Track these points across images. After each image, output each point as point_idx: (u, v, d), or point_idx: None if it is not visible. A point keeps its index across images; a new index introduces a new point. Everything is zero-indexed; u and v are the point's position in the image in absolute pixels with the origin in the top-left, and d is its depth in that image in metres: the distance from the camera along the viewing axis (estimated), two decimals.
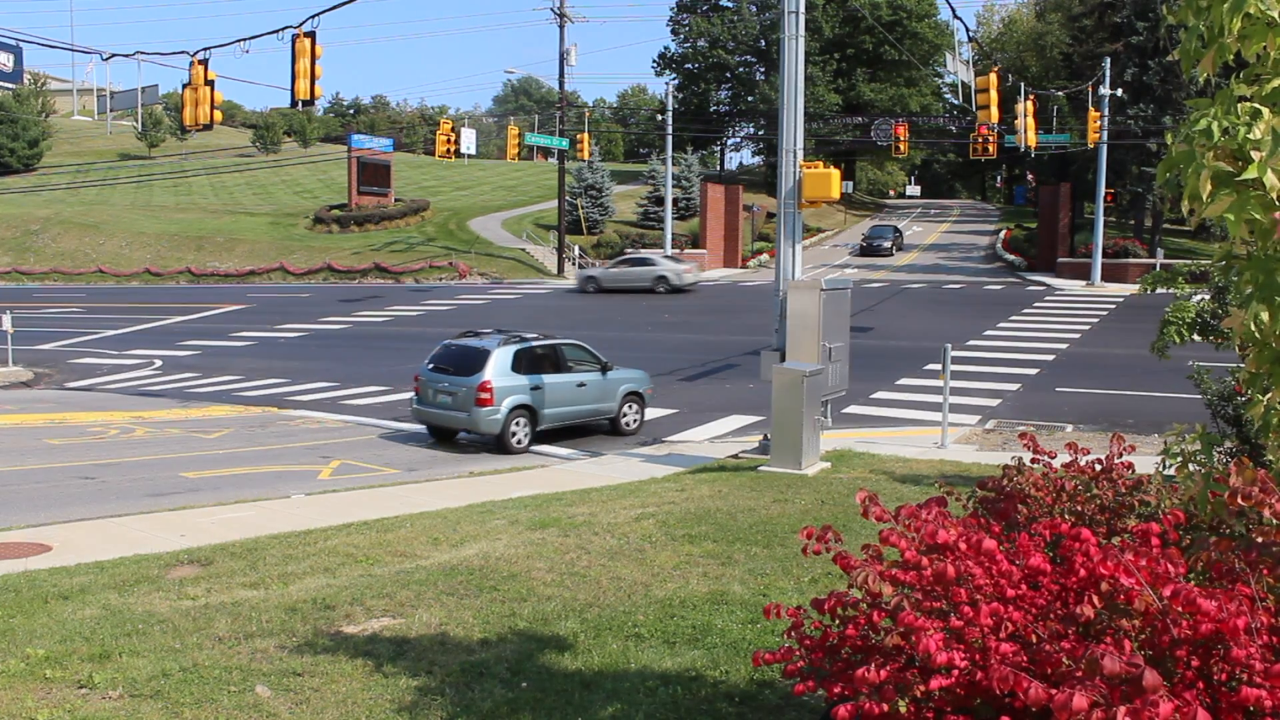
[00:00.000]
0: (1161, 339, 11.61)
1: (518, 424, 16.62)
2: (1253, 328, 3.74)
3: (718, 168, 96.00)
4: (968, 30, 32.05)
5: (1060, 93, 49.87)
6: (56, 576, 8.48)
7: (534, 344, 17.49)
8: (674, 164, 61.02)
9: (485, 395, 16.22)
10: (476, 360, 16.75)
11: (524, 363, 16.99)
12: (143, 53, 24.17)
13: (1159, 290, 13.07)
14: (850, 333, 15.68)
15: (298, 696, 5.93)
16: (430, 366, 17.38)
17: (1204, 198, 3.56)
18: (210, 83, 21.92)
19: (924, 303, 39.27)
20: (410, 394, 17.98)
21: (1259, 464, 4.72)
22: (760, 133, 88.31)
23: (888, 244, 60.16)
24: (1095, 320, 32.90)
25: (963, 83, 30.31)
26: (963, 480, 11.37)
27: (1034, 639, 3.48)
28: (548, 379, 17.09)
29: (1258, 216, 3.53)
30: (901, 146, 47.89)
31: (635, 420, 18.37)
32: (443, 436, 17.48)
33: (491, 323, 36.52)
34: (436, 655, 6.56)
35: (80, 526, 10.73)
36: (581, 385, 17.60)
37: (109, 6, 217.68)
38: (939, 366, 17.10)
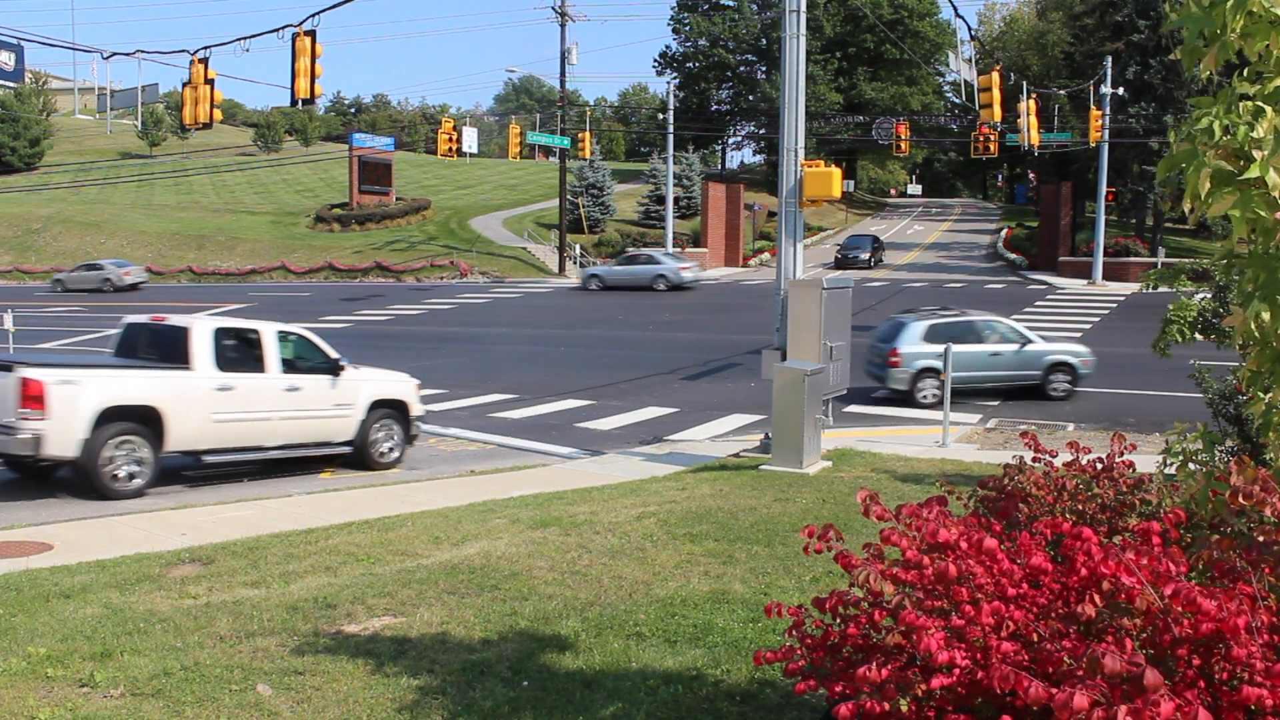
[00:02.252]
0: (1163, 338, 11.61)
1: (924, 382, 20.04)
2: (1253, 327, 3.74)
3: (719, 167, 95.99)
4: (969, 29, 32.03)
5: (1062, 91, 49.89)
6: (58, 575, 8.48)
7: (946, 320, 20.88)
8: (675, 163, 61.06)
9: (895, 359, 20.13)
10: (893, 331, 20.78)
11: (936, 335, 19.98)
12: (143, 51, 24.20)
13: (1160, 289, 13.07)
14: (852, 331, 15.68)
15: (299, 695, 5.93)
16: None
17: (1204, 196, 3.56)
18: (210, 81, 21.93)
19: (925, 301, 39.23)
20: None
21: (1260, 463, 4.71)
22: (761, 131, 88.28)
23: (865, 255, 54.86)
24: (1096, 319, 32.90)
25: (964, 81, 30.29)
26: (964, 479, 11.37)
27: (1035, 638, 3.48)
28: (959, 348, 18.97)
29: (1261, 214, 3.53)
30: (903, 145, 47.99)
31: (1069, 388, 20.65)
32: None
33: (492, 322, 36.55)
34: (438, 654, 6.56)
35: (81, 525, 10.74)
36: (995, 355, 20.50)
37: (110, 5, 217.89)
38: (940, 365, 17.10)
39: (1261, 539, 3.71)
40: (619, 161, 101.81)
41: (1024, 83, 36.10)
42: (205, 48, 21.73)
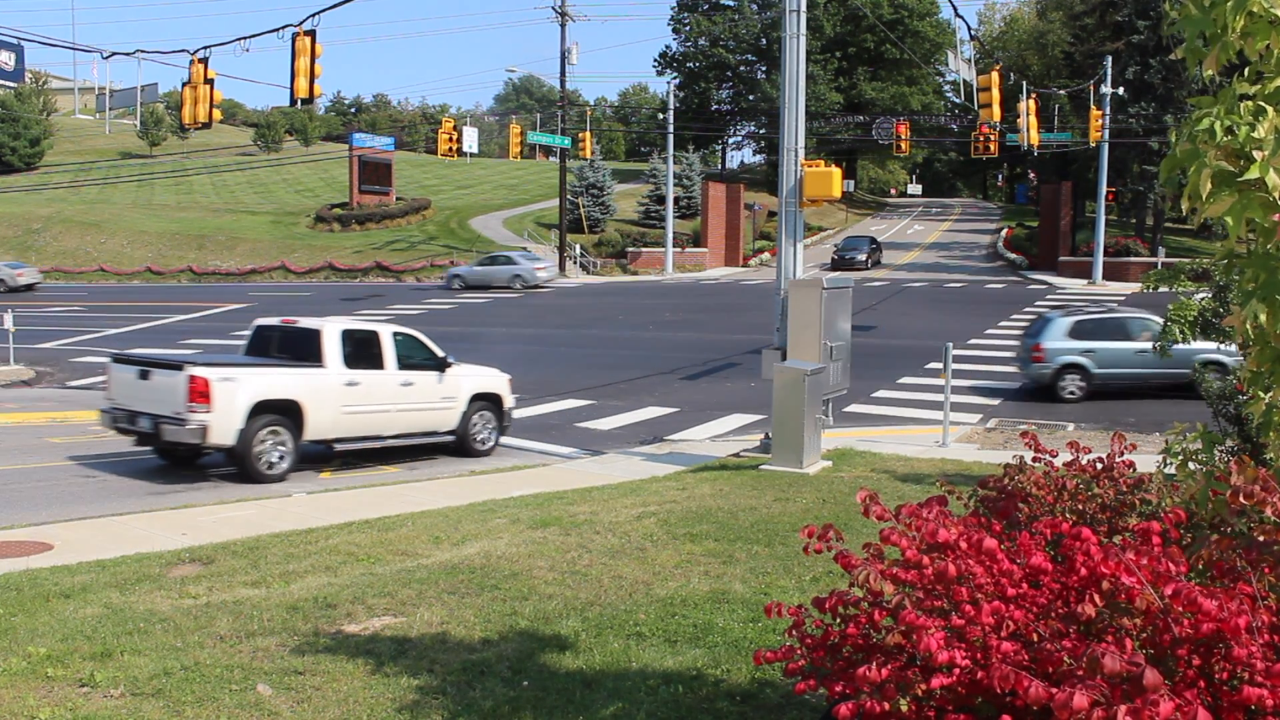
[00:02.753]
0: (1163, 337, 11.62)
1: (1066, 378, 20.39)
2: (1250, 327, 3.74)
3: (719, 166, 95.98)
4: (969, 29, 32.02)
5: (1062, 91, 49.86)
6: (58, 575, 8.48)
7: (1093, 316, 21.37)
8: (675, 163, 61.03)
9: (1038, 354, 20.48)
10: (1040, 327, 21.35)
11: (1082, 331, 20.55)
12: (143, 51, 24.19)
13: (1161, 289, 13.10)
14: (852, 331, 15.68)
15: (299, 695, 5.93)
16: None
17: (1204, 197, 3.56)
18: (210, 81, 21.92)
19: (925, 301, 39.26)
20: None
21: (1260, 462, 4.71)
22: (762, 131, 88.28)
23: (862, 257, 54.02)
24: None
25: (964, 81, 30.27)
26: (964, 479, 11.37)
27: (1035, 638, 3.48)
28: (1103, 344, 20.34)
29: (1257, 217, 3.53)
30: (903, 145, 47.94)
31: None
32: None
33: (491, 322, 36.54)
34: (438, 654, 6.57)
35: (82, 525, 10.74)
36: (1143, 352, 19.85)
37: (110, 5, 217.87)
38: (940, 365, 17.10)
39: (1261, 539, 3.71)
40: (619, 161, 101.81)
41: (1024, 82, 36.09)
42: (205, 47, 21.73)
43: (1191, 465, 4.40)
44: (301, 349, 14.61)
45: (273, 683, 6.10)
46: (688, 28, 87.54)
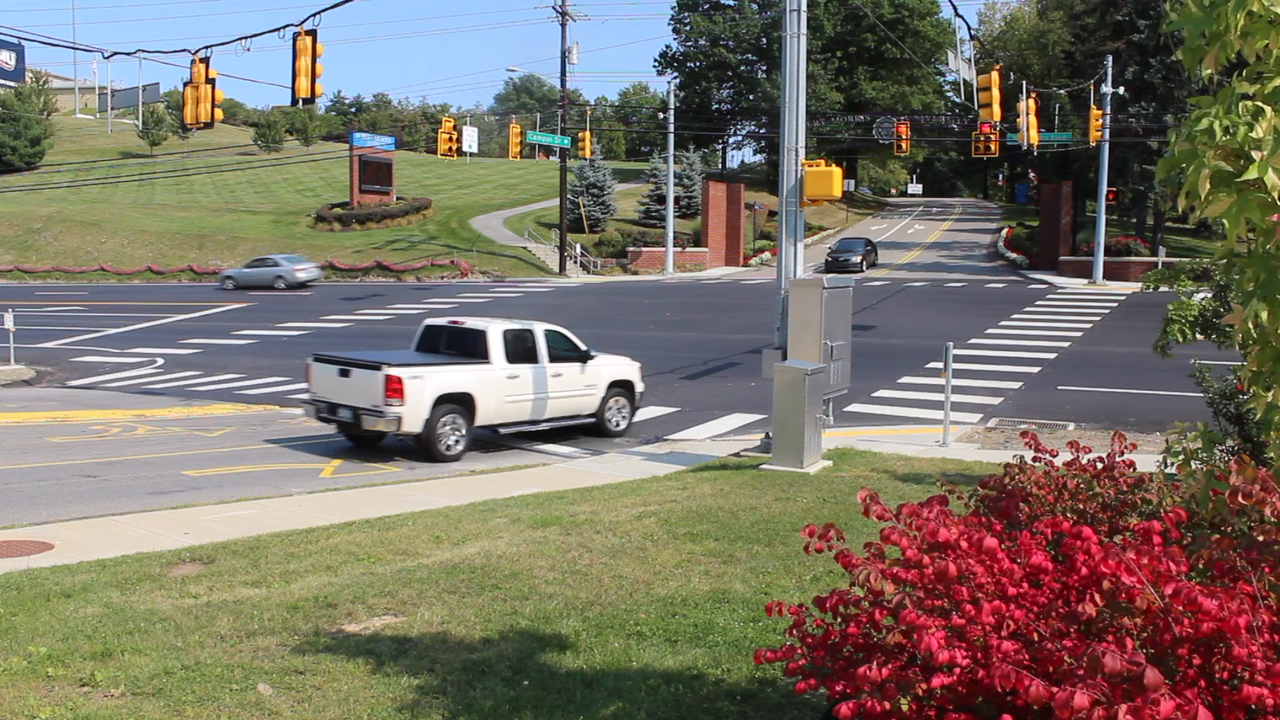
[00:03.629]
0: (1164, 337, 11.61)
1: None
2: (1252, 326, 3.74)
3: (719, 166, 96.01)
4: (969, 28, 32.03)
5: (1062, 91, 49.88)
6: (58, 574, 8.48)
7: None
8: (676, 162, 61.02)
9: None
10: None
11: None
12: (144, 51, 24.22)
13: (1161, 288, 13.06)
14: (852, 331, 15.68)
15: (299, 695, 5.93)
16: None
17: (1203, 196, 3.56)
18: (211, 81, 21.93)
19: (925, 301, 39.26)
20: None
21: (1260, 462, 4.72)
22: (762, 131, 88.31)
23: (857, 259, 53.11)
24: (1097, 319, 32.89)
25: (965, 81, 30.27)
26: (965, 479, 11.38)
27: (1036, 637, 3.48)
28: None
29: (1254, 218, 3.53)
30: (903, 145, 47.85)
31: None
32: None
33: None
34: (438, 654, 6.57)
35: (82, 524, 10.74)
36: None
37: (111, 5, 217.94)
38: (941, 365, 17.10)
39: (1262, 538, 3.71)
40: (619, 161, 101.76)
41: (1024, 82, 36.09)
42: (206, 47, 21.73)
43: (1192, 465, 4.40)
44: (469, 347, 16.45)
45: (273, 682, 6.10)
46: (688, 27, 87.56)
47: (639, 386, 18.53)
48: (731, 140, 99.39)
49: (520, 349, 16.65)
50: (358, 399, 15.20)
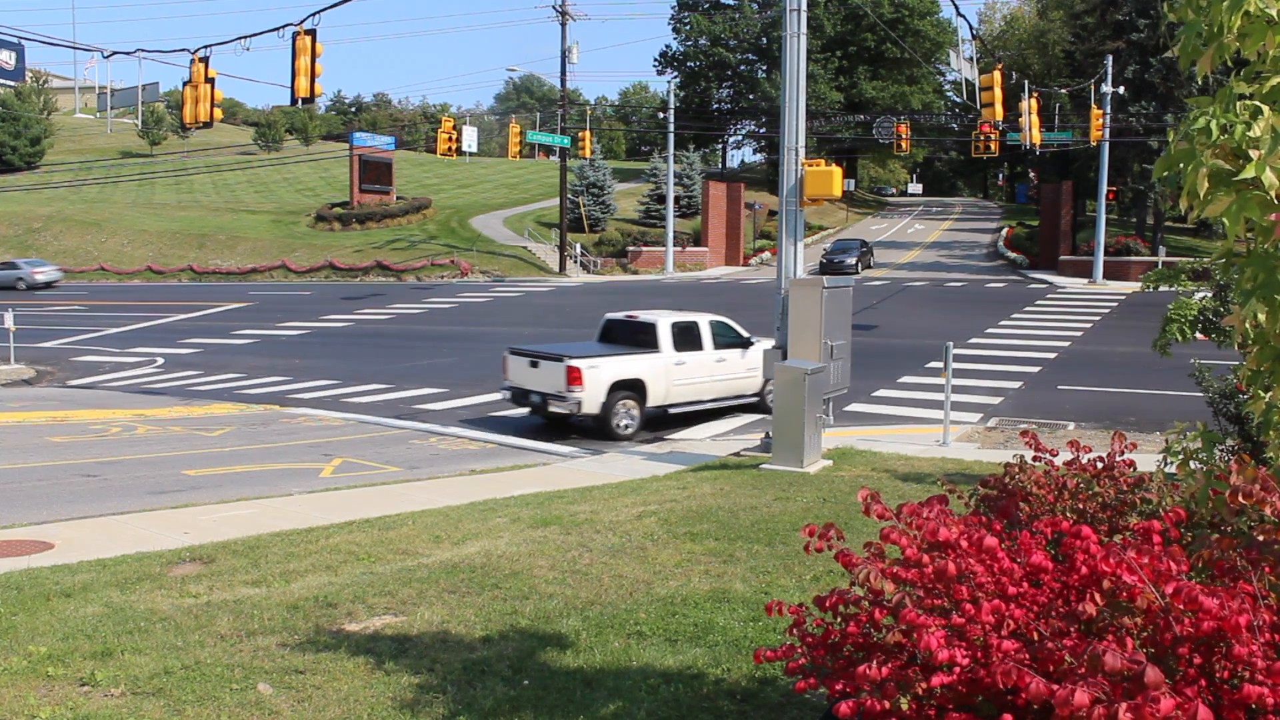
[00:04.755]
0: (1164, 337, 11.61)
1: None
2: (1248, 326, 3.74)
3: (720, 165, 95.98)
4: (970, 28, 31.99)
5: (1062, 90, 49.87)
6: (58, 574, 8.49)
7: None
8: (676, 162, 61.01)
9: None
10: None
11: None
12: (144, 50, 24.20)
13: (1161, 288, 13.06)
14: (852, 331, 15.68)
15: (299, 694, 5.94)
16: None
17: (1202, 195, 3.56)
18: (211, 80, 21.92)
19: (926, 301, 39.27)
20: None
21: (1260, 461, 4.71)
22: (762, 130, 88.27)
23: (852, 260, 52.32)
24: (1097, 318, 32.90)
25: (965, 80, 30.26)
26: (965, 478, 11.38)
27: (1036, 637, 3.48)
28: None
29: (1254, 217, 3.53)
30: (903, 144, 47.87)
31: None
32: None
33: (493, 321, 36.55)
34: (438, 653, 6.57)
35: (82, 524, 10.74)
36: None
37: (111, 4, 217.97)
38: (941, 364, 17.11)
39: (1262, 538, 3.71)
40: (620, 160, 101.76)
41: (1025, 82, 36.08)
42: (206, 47, 21.72)
43: (1192, 464, 4.40)
44: (641, 337, 18.44)
45: (273, 682, 6.10)
46: (688, 27, 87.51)
47: None
48: (731, 140, 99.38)
49: (687, 338, 18.54)
50: (545, 386, 17.34)
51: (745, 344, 19.22)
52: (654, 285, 48.77)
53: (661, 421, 18.68)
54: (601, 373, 17.28)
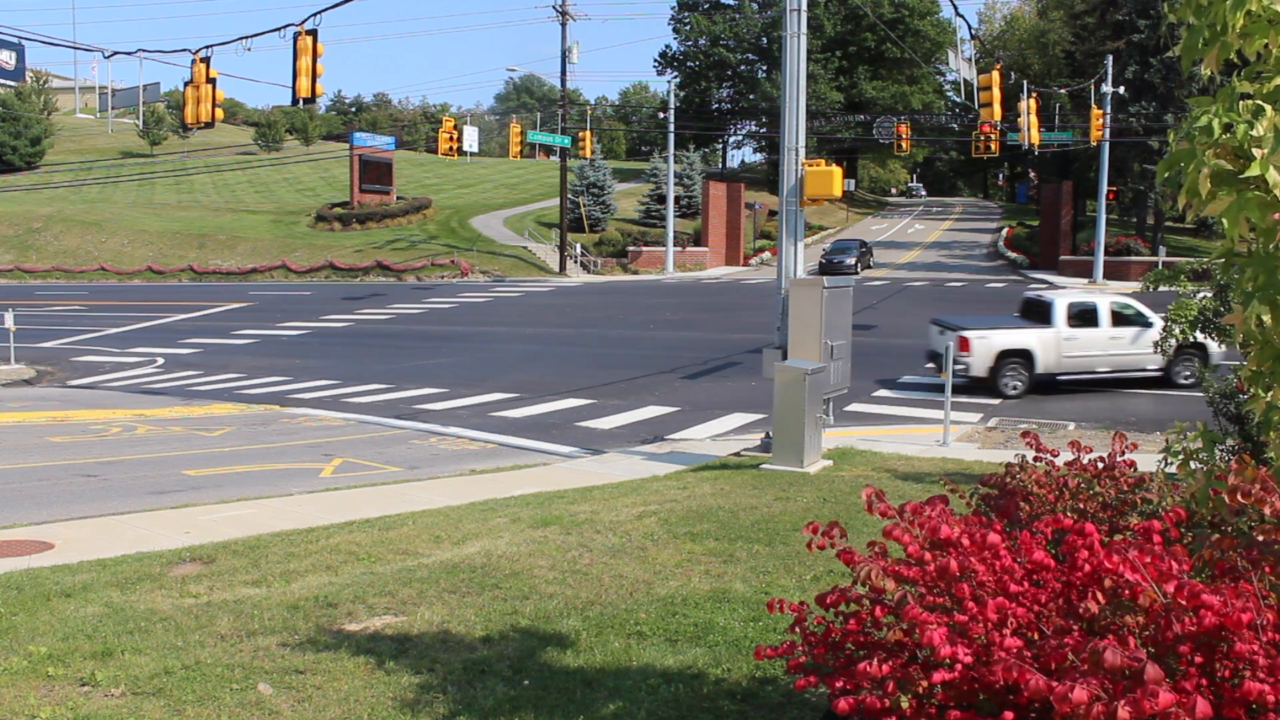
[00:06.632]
0: (1165, 337, 11.61)
1: None
2: (1251, 327, 3.74)
3: (720, 165, 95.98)
4: (970, 28, 32.04)
5: (1062, 90, 49.91)
6: (59, 574, 8.49)
7: None
8: (676, 162, 60.99)
9: None
10: None
11: None
12: (145, 50, 24.18)
13: (1161, 288, 13.07)
14: (852, 331, 15.67)
15: (300, 694, 5.94)
16: None
17: (1203, 195, 3.56)
18: (212, 81, 21.93)
19: (926, 301, 39.26)
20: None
21: (1260, 462, 4.71)
22: (762, 130, 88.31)
23: (851, 260, 51.98)
24: None
25: (965, 80, 30.28)
26: (965, 478, 11.37)
27: (1038, 635, 3.48)
28: None
29: (1254, 217, 3.53)
30: (903, 144, 47.86)
31: None
32: None
33: (492, 321, 36.55)
34: (438, 653, 6.57)
35: (82, 524, 10.74)
36: None
37: (111, 4, 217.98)
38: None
39: (1261, 538, 3.71)
40: (620, 160, 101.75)
41: (1024, 82, 36.09)
42: (207, 47, 21.73)
43: (1192, 464, 4.40)
44: (1040, 313, 21.50)
45: (273, 682, 6.10)
46: (688, 27, 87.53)
47: (1212, 348, 20.32)
48: (731, 140, 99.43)
49: (1083, 315, 21.08)
50: (944, 350, 19.77)
51: (1146, 324, 20.77)
52: (654, 285, 48.78)
53: (1046, 387, 21.13)
54: (990, 342, 20.52)
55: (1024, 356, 20.58)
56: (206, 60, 21.76)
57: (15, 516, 11.21)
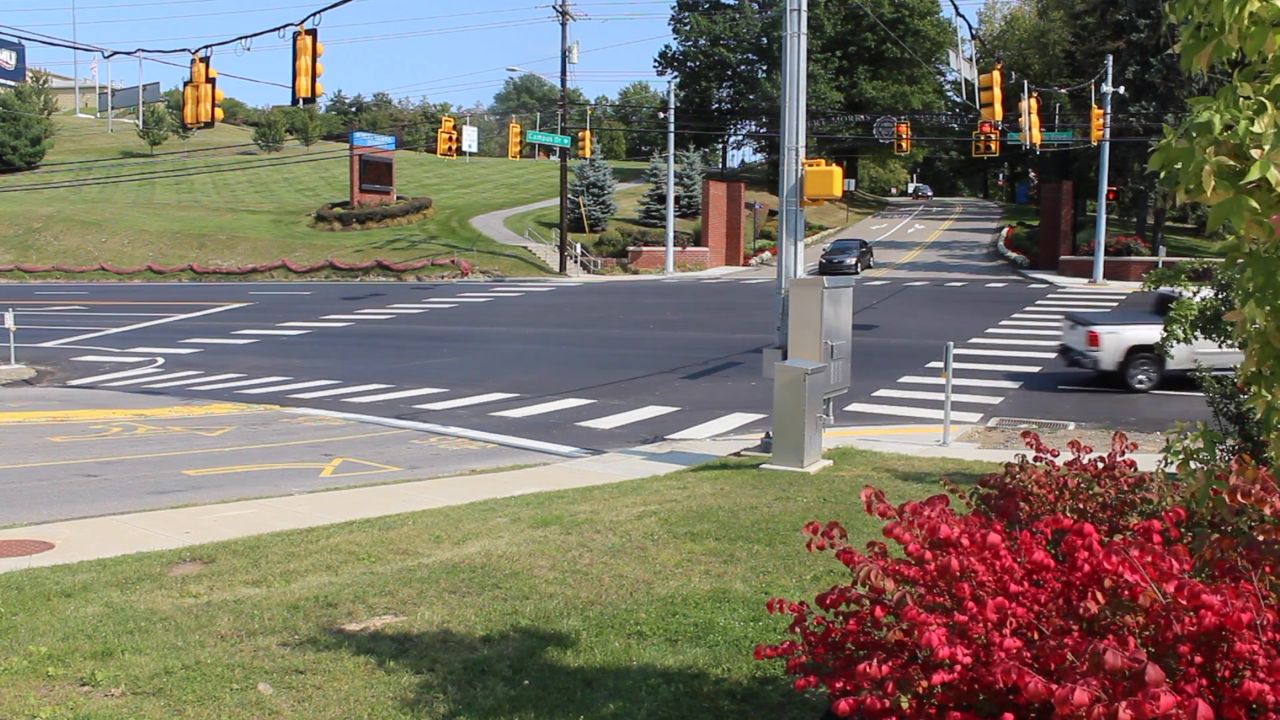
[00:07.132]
0: (1165, 338, 11.61)
1: None
2: (1250, 327, 3.74)
3: (720, 165, 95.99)
4: (970, 28, 32.04)
5: (1063, 90, 49.92)
6: (59, 574, 8.48)
7: None
8: (676, 162, 61.00)
9: None
10: None
11: None
12: (144, 50, 24.21)
13: (1161, 288, 13.07)
14: (852, 330, 15.67)
15: (300, 694, 5.94)
16: None
17: (1208, 193, 3.56)
18: (211, 80, 21.93)
19: (926, 301, 39.26)
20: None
21: (1260, 461, 4.72)
22: (762, 130, 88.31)
23: (851, 260, 51.78)
24: None
25: (965, 80, 30.27)
26: (965, 478, 11.37)
27: (1037, 635, 3.48)
28: None
29: (1254, 217, 3.53)
30: (904, 144, 47.87)
31: None
32: None
33: (493, 321, 36.56)
34: (439, 653, 6.57)
35: (83, 524, 10.74)
36: None
37: (111, 4, 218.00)
38: (941, 364, 17.10)
39: (1262, 538, 3.71)
40: (620, 160, 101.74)
41: (1025, 81, 36.08)
42: (207, 47, 21.74)
43: (1192, 464, 4.40)
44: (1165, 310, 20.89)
45: (273, 681, 6.10)
46: (688, 27, 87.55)
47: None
48: (732, 140, 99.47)
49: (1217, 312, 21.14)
50: (1076, 344, 21.53)
51: None
52: (654, 285, 48.78)
53: (1175, 382, 21.03)
54: (1120, 337, 20.90)
55: (1153, 352, 20.84)
56: (206, 60, 21.76)
57: (15, 516, 11.21)
